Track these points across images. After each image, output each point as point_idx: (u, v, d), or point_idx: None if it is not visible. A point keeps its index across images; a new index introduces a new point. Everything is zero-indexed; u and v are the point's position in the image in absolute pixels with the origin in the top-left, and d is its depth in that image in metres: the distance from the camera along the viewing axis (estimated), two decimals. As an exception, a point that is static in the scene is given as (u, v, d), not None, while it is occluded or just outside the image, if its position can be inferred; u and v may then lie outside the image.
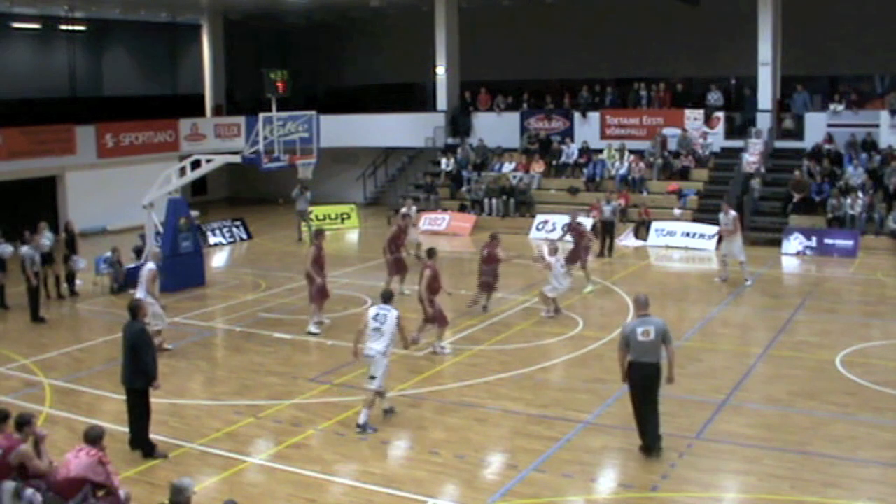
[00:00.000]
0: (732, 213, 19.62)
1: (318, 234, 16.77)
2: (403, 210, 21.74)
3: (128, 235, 24.44)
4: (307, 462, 10.46)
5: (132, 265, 20.53)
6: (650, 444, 10.35)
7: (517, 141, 30.53)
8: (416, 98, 34.76)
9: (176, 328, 16.64)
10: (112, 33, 35.51)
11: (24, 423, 8.41)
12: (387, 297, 11.89)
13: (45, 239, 18.67)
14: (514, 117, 30.97)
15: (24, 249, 17.62)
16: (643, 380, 10.26)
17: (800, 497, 9.42)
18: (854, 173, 24.49)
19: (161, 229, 20.17)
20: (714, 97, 28.07)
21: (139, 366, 10.56)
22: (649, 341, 10.19)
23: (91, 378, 13.82)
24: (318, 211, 28.39)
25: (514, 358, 14.41)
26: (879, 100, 27.25)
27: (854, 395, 12.46)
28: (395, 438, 11.26)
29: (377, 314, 11.56)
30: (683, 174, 27.09)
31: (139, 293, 14.48)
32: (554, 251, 16.97)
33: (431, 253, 15.09)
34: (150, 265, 14.93)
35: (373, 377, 11.34)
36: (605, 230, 23.18)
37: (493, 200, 27.91)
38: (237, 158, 20.46)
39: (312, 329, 16.05)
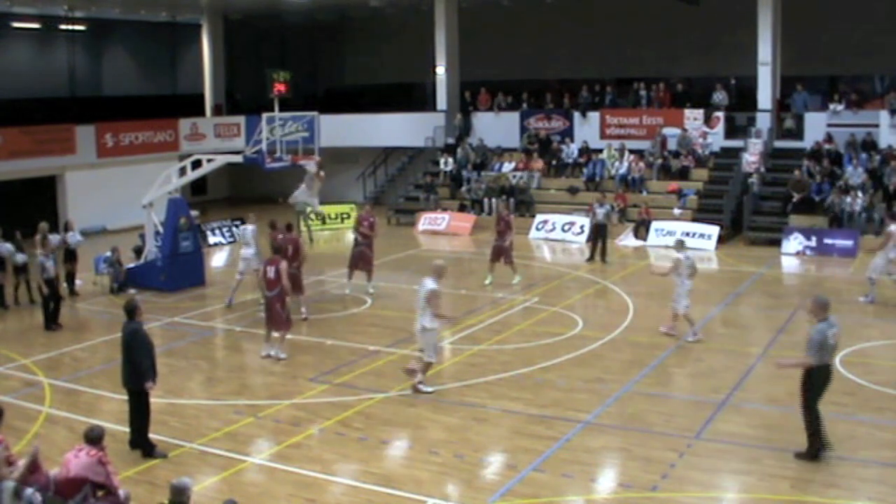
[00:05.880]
0: (892, 226, 17.72)
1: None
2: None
3: (128, 235, 24.43)
4: (307, 462, 10.46)
5: (132, 265, 20.57)
6: (828, 442, 10.40)
7: (517, 141, 30.53)
8: (416, 98, 34.77)
9: (176, 328, 16.69)
10: (112, 33, 35.52)
11: None
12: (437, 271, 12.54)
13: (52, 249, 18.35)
14: (513, 117, 30.97)
15: (39, 258, 17.43)
16: (829, 379, 10.54)
17: (800, 497, 9.42)
18: (854, 173, 24.48)
19: (161, 229, 20.18)
20: (719, 97, 28.07)
21: (134, 366, 10.53)
22: (835, 343, 10.61)
23: (91, 378, 13.82)
24: (317, 210, 28.34)
25: (514, 358, 14.40)
26: (879, 100, 27.22)
27: (854, 395, 12.45)
28: (395, 438, 11.27)
29: (419, 287, 12.54)
30: (683, 174, 27.09)
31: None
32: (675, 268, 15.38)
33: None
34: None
35: (421, 350, 12.61)
36: (598, 233, 22.35)
37: (493, 200, 27.92)
38: (238, 158, 20.48)
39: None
